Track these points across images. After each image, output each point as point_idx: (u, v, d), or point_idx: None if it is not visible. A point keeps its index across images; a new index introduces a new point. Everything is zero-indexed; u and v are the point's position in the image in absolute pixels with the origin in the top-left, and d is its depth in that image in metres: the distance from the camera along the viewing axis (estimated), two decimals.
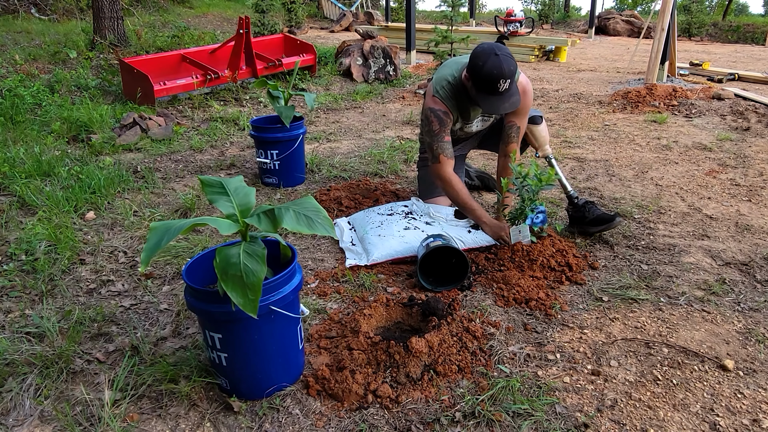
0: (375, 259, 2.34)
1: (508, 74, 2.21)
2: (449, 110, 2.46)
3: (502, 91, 2.25)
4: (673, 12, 5.92)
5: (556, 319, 1.98)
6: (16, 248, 2.41)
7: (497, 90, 2.24)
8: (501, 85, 2.22)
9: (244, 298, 1.32)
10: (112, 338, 1.87)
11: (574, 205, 2.62)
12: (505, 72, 2.19)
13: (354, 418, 1.51)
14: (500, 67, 2.18)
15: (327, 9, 14.23)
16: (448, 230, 2.46)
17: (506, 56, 2.22)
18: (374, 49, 6.56)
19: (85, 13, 9.36)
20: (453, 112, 2.49)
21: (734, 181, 3.37)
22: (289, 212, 1.44)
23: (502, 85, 2.22)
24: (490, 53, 2.21)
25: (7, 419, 1.52)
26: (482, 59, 2.21)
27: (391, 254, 2.36)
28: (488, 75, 2.20)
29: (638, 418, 1.52)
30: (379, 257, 2.34)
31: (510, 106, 2.31)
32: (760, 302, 2.07)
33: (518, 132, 2.59)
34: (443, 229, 2.46)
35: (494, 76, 2.19)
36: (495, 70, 2.19)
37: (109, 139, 3.94)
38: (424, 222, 2.54)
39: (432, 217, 2.58)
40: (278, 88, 3.22)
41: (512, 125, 2.57)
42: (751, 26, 12.99)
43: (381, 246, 2.37)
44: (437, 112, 2.46)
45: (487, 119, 2.70)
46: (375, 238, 2.42)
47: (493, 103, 2.28)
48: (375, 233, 2.46)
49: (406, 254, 2.37)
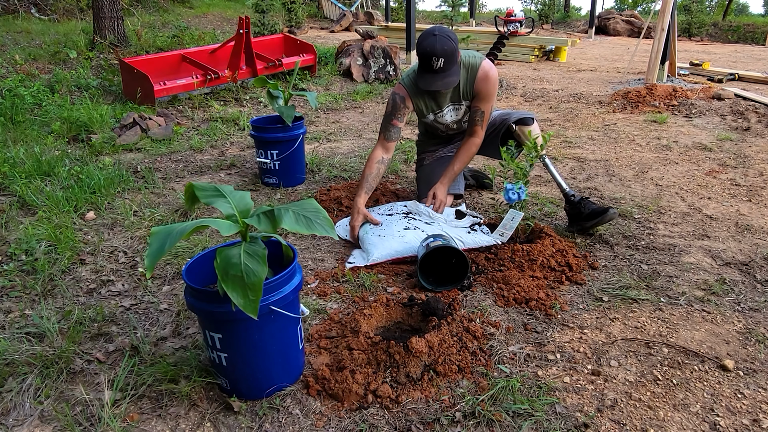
0: (375, 259, 2.34)
1: (441, 53, 2.35)
2: (408, 96, 2.64)
3: (437, 69, 2.40)
4: (673, 12, 5.92)
5: (556, 319, 1.98)
6: (16, 248, 2.41)
7: (432, 67, 2.39)
8: (435, 62, 2.37)
9: (244, 299, 1.32)
10: (112, 338, 1.87)
11: (571, 203, 2.63)
12: (438, 50, 2.35)
13: (354, 418, 1.51)
14: (433, 45, 2.35)
15: (327, 9, 14.23)
16: (447, 230, 2.46)
17: (444, 37, 2.38)
18: (374, 49, 6.56)
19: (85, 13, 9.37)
20: (414, 99, 2.67)
21: (734, 181, 3.37)
22: (289, 213, 1.44)
23: (436, 63, 2.37)
24: (429, 34, 2.40)
25: (7, 419, 1.52)
26: (421, 39, 2.41)
27: (391, 254, 2.36)
28: (422, 52, 2.38)
29: (638, 418, 1.52)
30: (379, 257, 2.34)
31: (443, 85, 2.43)
32: (760, 302, 2.07)
33: (482, 116, 2.71)
34: (443, 230, 2.46)
35: (428, 53, 2.36)
36: (428, 48, 2.35)
37: (109, 139, 3.94)
38: (424, 222, 2.54)
39: (432, 218, 2.58)
40: (278, 88, 3.22)
41: (477, 110, 2.70)
42: (751, 26, 12.99)
43: (381, 246, 2.37)
44: (395, 96, 2.65)
45: (459, 107, 2.74)
46: (375, 238, 2.42)
47: (426, 79, 2.43)
48: (375, 233, 2.45)
49: (406, 254, 2.37)
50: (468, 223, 2.56)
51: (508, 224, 2.39)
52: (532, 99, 5.91)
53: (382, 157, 2.66)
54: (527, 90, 6.37)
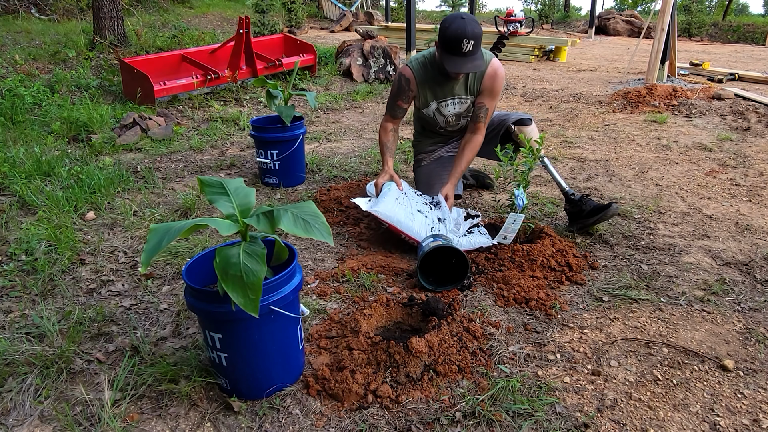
0: (377, 211, 2.38)
1: (471, 35, 2.36)
2: (415, 80, 2.67)
3: (466, 52, 2.40)
4: (673, 12, 5.92)
5: (556, 319, 1.97)
6: (16, 248, 2.41)
7: (461, 50, 2.39)
8: (464, 45, 2.37)
9: (244, 298, 1.32)
10: (112, 338, 1.87)
11: (571, 202, 2.63)
12: (468, 33, 2.35)
13: (354, 418, 1.51)
14: (464, 28, 2.35)
15: (327, 9, 14.23)
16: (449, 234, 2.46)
17: (472, 21, 2.40)
18: (374, 49, 6.56)
19: (85, 13, 9.37)
20: (421, 87, 2.69)
21: (734, 181, 3.37)
22: (288, 214, 1.44)
23: (466, 46, 2.37)
24: (456, 17, 2.41)
25: (7, 419, 1.52)
26: (448, 22, 2.41)
27: (392, 220, 2.39)
28: (453, 35, 2.36)
29: (638, 418, 1.52)
30: (381, 212, 2.38)
31: (473, 68, 2.45)
32: (760, 302, 2.07)
33: (486, 113, 2.72)
34: (447, 230, 2.47)
35: (458, 36, 2.35)
36: (459, 30, 2.35)
37: (109, 139, 3.94)
38: (435, 216, 2.55)
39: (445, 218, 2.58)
40: (278, 88, 3.22)
41: (481, 106, 2.72)
42: (751, 26, 12.99)
43: (390, 207, 2.41)
44: (401, 78, 2.70)
45: (463, 101, 2.75)
46: (390, 198, 2.48)
47: (456, 62, 2.42)
48: (393, 196, 2.51)
49: (404, 231, 2.40)
50: (468, 226, 2.56)
51: (510, 227, 2.38)
52: (532, 99, 5.91)
53: (393, 126, 2.79)
54: (527, 90, 6.37)
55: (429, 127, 2.94)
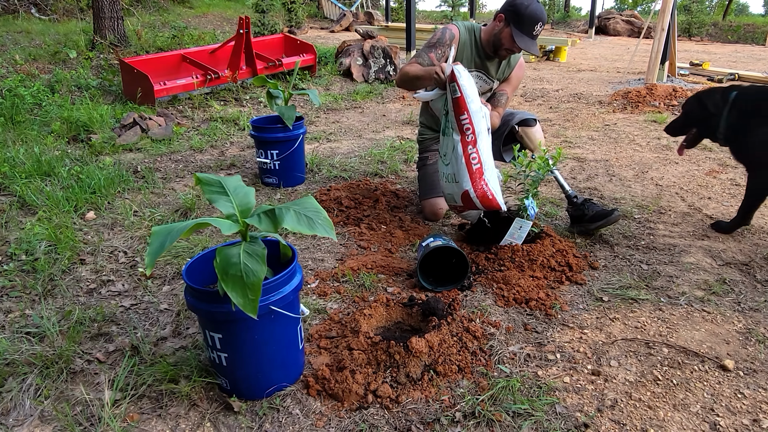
0: (458, 69, 2.28)
1: (545, 20, 2.46)
2: (459, 38, 2.62)
3: (535, 35, 2.47)
4: (673, 12, 5.92)
5: (556, 319, 1.97)
6: (16, 248, 2.41)
7: (533, 32, 2.45)
8: (537, 28, 2.44)
9: (244, 298, 1.32)
10: (112, 338, 1.87)
11: (574, 204, 2.63)
12: (544, 17, 2.44)
13: (354, 418, 1.51)
14: (541, 12, 2.43)
15: (327, 9, 14.23)
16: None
17: (542, 5, 2.47)
18: (374, 49, 6.56)
19: (85, 13, 9.36)
20: (462, 45, 2.64)
21: (734, 181, 3.37)
22: (290, 212, 1.44)
23: (538, 29, 2.45)
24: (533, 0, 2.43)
25: (7, 419, 1.52)
26: (527, 2, 2.43)
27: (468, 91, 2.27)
28: (531, 15, 2.41)
29: (638, 418, 1.52)
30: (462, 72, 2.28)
31: (535, 50, 2.51)
32: (761, 302, 2.07)
33: (507, 100, 2.78)
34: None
35: (536, 18, 2.41)
36: (538, 12, 2.41)
37: (109, 139, 3.94)
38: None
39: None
40: (278, 88, 3.22)
41: (503, 93, 2.78)
42: (751, 26, 12.99)
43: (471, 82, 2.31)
44: (446, 31, 2.63)
45: (489, 81, 2.76)
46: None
47: (527, 42, 2.46)
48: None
49: (470, 111, 2.28)
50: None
51: (516, 234, 2.38)
52: (532, 99, 5.91)
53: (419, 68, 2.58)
54: (527, 90, 6.37)
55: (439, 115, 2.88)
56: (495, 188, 2.29)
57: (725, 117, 2.47)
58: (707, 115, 2.54)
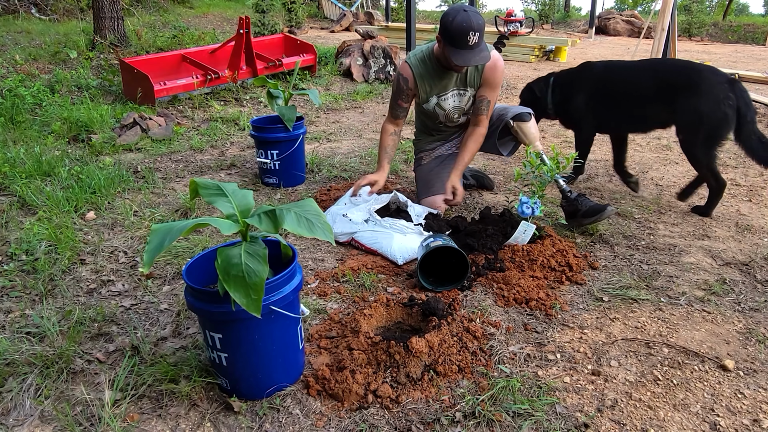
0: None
1: (477, 27, 2.34)
2: (413, 77, 2.66)
3: (472, 45, 2.38)
4: (674, 12, 5.92)
5: (556, 319, 1.98)
6: (17, 248, 2.41)
7: (467, 43, 2.37)
8: (470, 38, 2.35)
9: (247, 299, 1.32)
10: (112, 338, 1.87)
11: (568, 200, 2.64)
12: (474, 25, 2.33)
13: (354, 418, 1.51)
14: (469, 20, 2.33)
15: (327, 9, 14.23)
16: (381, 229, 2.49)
17: (474, 12, 2.37)
18: (374, 49, 6.56)
19: (86, 13, 9.36)
20: (420, 82, 2.67)
21: (734, 181, 3.37)
22: (291, 214, 1.44)
23: (472, 38, 2.35)
24: (459, 9, 2.37)
25: (7, 419, 1.52)
26: (452, 15, 2.37)
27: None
28: (458, 28, 2.33)
29: (638, 418, 1.52)
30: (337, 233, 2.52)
31: (480, 59, 2.42)
32: (761, 302, 2.07)
33: (488, 105, 2.73)
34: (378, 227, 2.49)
35: (464, 29, 2.33)
36: (464, 23, 2.32)
37: (109, 139, 3.94)
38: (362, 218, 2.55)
39: (372, 217, 2.56)
40: (278, 88, 3.22)
41: (483, 99, 2.72)
42: (751, 26, 12.99)
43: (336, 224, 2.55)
44: (399, 78, 2.70)
45: (463, 93, 2.75)
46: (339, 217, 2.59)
47: (463, 55, 2.40)
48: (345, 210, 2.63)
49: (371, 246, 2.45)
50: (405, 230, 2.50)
51: (520, 237, 2.38)
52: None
53: (394, 129, 2.78)
54: None
55: (430, 122, 2.93)
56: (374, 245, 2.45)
57: (549, 97, 3.14)
58: (537, 98, 3.19)
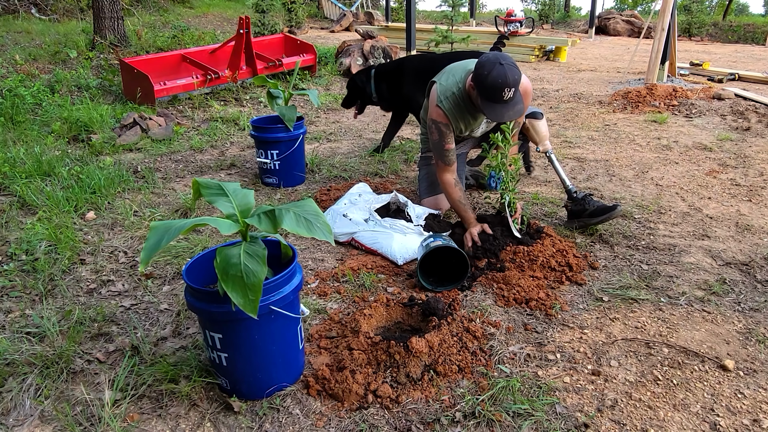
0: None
1: (513, 83, 2.22)
2: (450, 122, 2.51)
3: (507, 100, 2.27)
4: (674, 12, 5.92)
5: (556, 319, 1.97)
6: (17, 248, 2.41)
7: (502, 98, 2.26)
8: (505, 93, 2.24)
9: (244, 299, 1.32)
10: (112, 338, 1.87)
11: (574, 200, 2.64)
12: (509, 81, 2.21)
13: (354, 418, 1.51)
14: (505, 75, 2.20)
15: (327, 9, 14.23)
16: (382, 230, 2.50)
17: (510, 65, 2.24)
18: (374, 49, 6.56)
19: (86, 13, 9.37)
20: (455, 123, 2.54)
21: (734, 181, 3.37)
22: (290, 214, 1.44)
23: (507, 94, 2.24)
24: (495, 62, 2.23)
25: (7, 419, 1.52)
26: (487, 68, 2.23)
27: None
28: (493, 84, 2.21)
29: (638, 418, 1.52)
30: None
31: (514, 114, 2.32)
32: (761, 302, 2.07)
33: (518, 126, 2.72)
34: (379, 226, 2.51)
35: (499, 85, 2.21)
36: (500, 79, 2.20)
37: (109, 139, 3.94)
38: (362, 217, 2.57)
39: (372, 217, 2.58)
40: (278, 88, 3.22)
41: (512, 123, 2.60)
42: (751, 26, 12.98)
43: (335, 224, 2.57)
44: (438, 125, 2.51)
45: (491, 122, 2.71)
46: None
47: (497, 111, 2.30)
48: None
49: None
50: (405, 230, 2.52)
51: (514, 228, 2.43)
52: (533, 99, 5.90)
53: (454, 179, 2.58)
54: None
55: None
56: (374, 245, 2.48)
57: (372, 86, 3.61)
58: (360, 88, 3.67)
